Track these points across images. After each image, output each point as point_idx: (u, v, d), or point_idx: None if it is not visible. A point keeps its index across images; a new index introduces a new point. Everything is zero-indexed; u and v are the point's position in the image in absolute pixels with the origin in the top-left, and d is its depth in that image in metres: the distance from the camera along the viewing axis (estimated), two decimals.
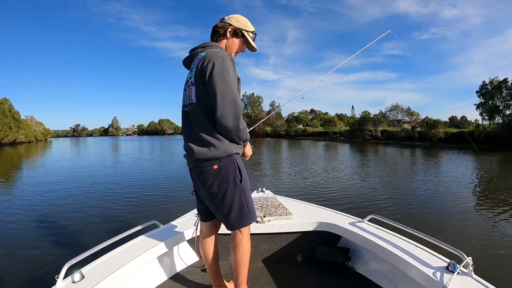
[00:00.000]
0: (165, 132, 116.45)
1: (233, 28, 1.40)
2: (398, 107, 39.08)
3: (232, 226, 1.35)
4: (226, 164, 1.29)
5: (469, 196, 6.41)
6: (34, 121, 66.26)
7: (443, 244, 1.43)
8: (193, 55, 1.39)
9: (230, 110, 1.21)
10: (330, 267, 1.87)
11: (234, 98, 1.22)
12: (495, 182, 8.08)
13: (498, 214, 4.92)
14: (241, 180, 1.32)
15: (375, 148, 25.22)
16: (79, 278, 1.31)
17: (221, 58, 1.24)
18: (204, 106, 1.27)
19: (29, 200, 6.64)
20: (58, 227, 4.61)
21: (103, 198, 6.58)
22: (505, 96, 28.72)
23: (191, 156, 1.30)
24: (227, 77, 1.21)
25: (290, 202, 2.46)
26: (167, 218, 2.32)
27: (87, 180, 9.26)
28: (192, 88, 1.32)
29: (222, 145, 1.27)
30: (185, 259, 1.97)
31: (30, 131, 56.19)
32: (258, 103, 71.76)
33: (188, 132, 1.35)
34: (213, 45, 1.37)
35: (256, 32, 1.48)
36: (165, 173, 10.64)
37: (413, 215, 4.94)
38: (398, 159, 15.63)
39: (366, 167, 11.49)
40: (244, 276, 1.40)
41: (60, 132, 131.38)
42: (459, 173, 9.85)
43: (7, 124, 45.28)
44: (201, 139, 1.28)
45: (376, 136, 38.76)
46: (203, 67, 1.25)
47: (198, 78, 1.28)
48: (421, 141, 32.16)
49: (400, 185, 7.67)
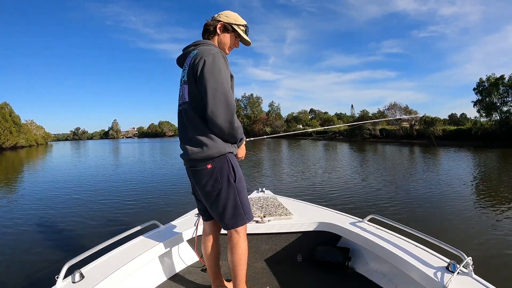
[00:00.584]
0: (165, 134, 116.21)
1: (223, 23, 1.38)
2: (396, 105, 39.24)
3: (227, 226, 1.34)
4: (220, 163, 1.28)
5: (469, 196, 6.35)
6: (34, 125, 66.18)
7: (443, 244, 1.42)
8: (186, 53, 1.38)
9: (222, 108, 1.19)
10: (330, 267, 1.86)
11: (225, 95, 1.20)
12: (495, 181, 8.03)
13: (499, 214, 4.87)
14: (235, 180, 1.31)
15: (374, 147, 25.20)
16: (79, 278, 1.31)
17: (212, 55, 1.22)
18: (196, 105, 1.26)
19: (30, 201, 6.64)
20: (59, 228, 4.60)
21: (103, 199, 6.58)
22: (502, 92, 28.72)
23: (186, 156, 1.30)
24: (218, 74, 1.20)
25: (290, 202, 2.45)
26: (167, 218, 2.31)
27: (88, 182, 9.26)
28: (185, 86, 1.31)
29: (215, 145, 1.26)
30: (185, 259, 1.96)
31: (30, 135, 56.12)
32: (258, 104, 71.83)
33: (182, 132, 1.35)
34: (205, 43, 1.36)
35: (248, 26, 1.45)
36: (165, 174, 10.63)
37: (413, 214, 4.90)
38: (398, 158, 15.62)
39: (366, 167, 11.45)
40: (242, 277, 1.39)
41: (60, 135, 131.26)
42: (458, 171, 9.81)
43: (8, 128, 45.22)
44: (194, 139, 1.27)
45: (375, 134, 38.79)
46: (194, 65, 1.24)
47: (190, 76, 1.27)
48: (419, 139, 32.18)
49: (400, 184, 7.63)
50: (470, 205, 5.48)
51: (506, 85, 28.29)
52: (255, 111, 70.76)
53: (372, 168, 11.08)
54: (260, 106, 71.98)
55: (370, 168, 11.10)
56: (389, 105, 40.03)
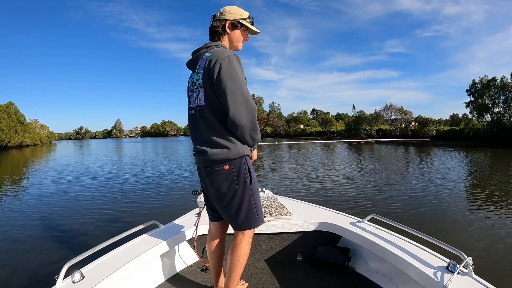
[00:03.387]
0: (168, 134, 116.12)
1: (230, 21, 1.34)
2: (392, 106, 39.47)
3: (240, 227, 1.32)
4: (238, 165, 1.26)
5: (469, 195, 6.27)
6: (38, 124, 66.01)
7: (443, 244, 1.40)
8: (197, 56, 1.34)
9: (243, 110, 1.18)
10: (330, 267, 1.83)
11: (245, 97, 1.19)
12: (494, 181, 7.93)
13: (498, 214, 4.80)
14: (251, 182, 1.29)
15: (371, 147, 25.24)
16: (79, 278, 1.28)
17: (228, 58, 1.19)
18: (214, 108, 1.24)
19: (30, 201, 6.59)
20: (59, 227, 4.54)
21: (103, 198, 6.52)
22: (493, 94, 28.84)
23: (205, 157, 1.26)
24: (236, 77, 1.18)
25: (290, 202, 2.42)
26: (167, 218, 2.28)
27: (88, 182, 9.19)
28: (200, 90, 1.27)
29: (235, 147, 1.24)
30: (185, 259, 1.93)
31: (35, 134, 56.00)
32: (259, 104, 72.06)
33: (199, 134, 1.31)
34: (217, 45, 1.32)
35: (252, 16, 1.40)
36: (165, 174, 10.56)
37: (413, 214, 4.83)
38: (394, 158, 15.61)
39: (365, 167, 11.37)
40: (235, 279, 1.35)
41: (63, 134, 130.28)
42: (457, 171, 9.76)
43: (13, 127, 45.13)
44: (213, 141, 1.24)
45: (371, 135, 38.92)
46: (210, 68, 1.21)
47: (206, 80, 1.23)
48: (414, 139, 32.30)
49: (399, 185, 7.54)
50: (470, 205, 5.41)
51: (498, 87, 28.41)
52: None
53: (372, 168, 11.01)
54: (261, 106, 72.16)
55: (369, 168, 11.03)
56: (385, 106, 40.24)
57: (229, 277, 1.35)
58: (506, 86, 27.73)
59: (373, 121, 40.70)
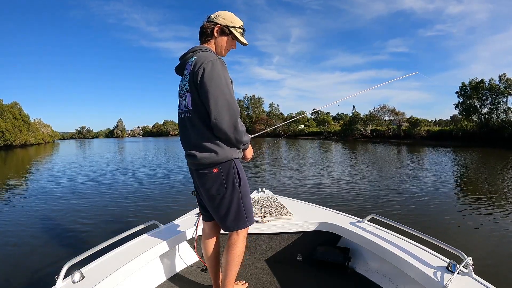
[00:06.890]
0: (169, 133, 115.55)
1: (220, 26, 1.31)
2: (385, 107, 39.80)
3: (228, 228, 1.31)
4: (226, 168, 1.24)
5: (469, 195, 6.18)
6: (42, 124, 65.54)
7: (443, 244, 1.37)
8: (184, 60, 1.32)
9: (225, 114, 1.15)
10: (330, 267, 1.79)
11: (227, 101, 1.16)
12: (493, 180, 7.82)
13: (498, 213, 4.73)
14: (240, 184, 1.27)
15: (365, 146, 25.32)
16: (79, 278, 1.25)
17: (211, 62, 1.17)
18: (200, 112, 1.22)
19: (30, 200, 6.47)
20: (59, 227, 4.45)
21: (103, 198, 6.41)
22: (481, 96, 29.08)
23: (194, 160, 1.25)
24: (218, 81, 1.16)
25: (290, 202, 2.37)
26: (167, 218, 2.23)
27: (88, 181, 9.03)
28: (187, 94, 1.26)
29: (222, 151, 1.22)
30: (185, 259, 1.89)
31: (39, 134, 55.54)
32: (259, 104, 72.03)
33: (187, 139, 1.30)
34: (202, 49, 1.30)
35: (249, 25, 1.40)
36: (166, 173, 10.43)
37: (413, 214, 4.74)
38: (391, 157, 15.59)
39: (364, 167, 11.25)
40: (232, 278, 1.34)
41: (65, 134, 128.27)
42: (456, 170, 9.69)
43: (18, 127, 44.69)
44: (201, 145, 1.22)
45: (365, 135, 39.13)
46: (194, 73, 1.19)
47: (192, 85, 1.22)
48: (406, 139, 32.55)
49: (399, 185, 7.41)
50: (470, 205, 5.32)
51: (485, 89, 28.66)
52: (256, 111, 70.80)
53: (371, 168, 10.90)
54: (261, 106, 72.12)
55: (368, 168, 10.92)
56: (378, 107, 40.47)
57: (226, 276, 1.34)
58: (493, 88, 27.96)
59: (368, 122, 40.85)
